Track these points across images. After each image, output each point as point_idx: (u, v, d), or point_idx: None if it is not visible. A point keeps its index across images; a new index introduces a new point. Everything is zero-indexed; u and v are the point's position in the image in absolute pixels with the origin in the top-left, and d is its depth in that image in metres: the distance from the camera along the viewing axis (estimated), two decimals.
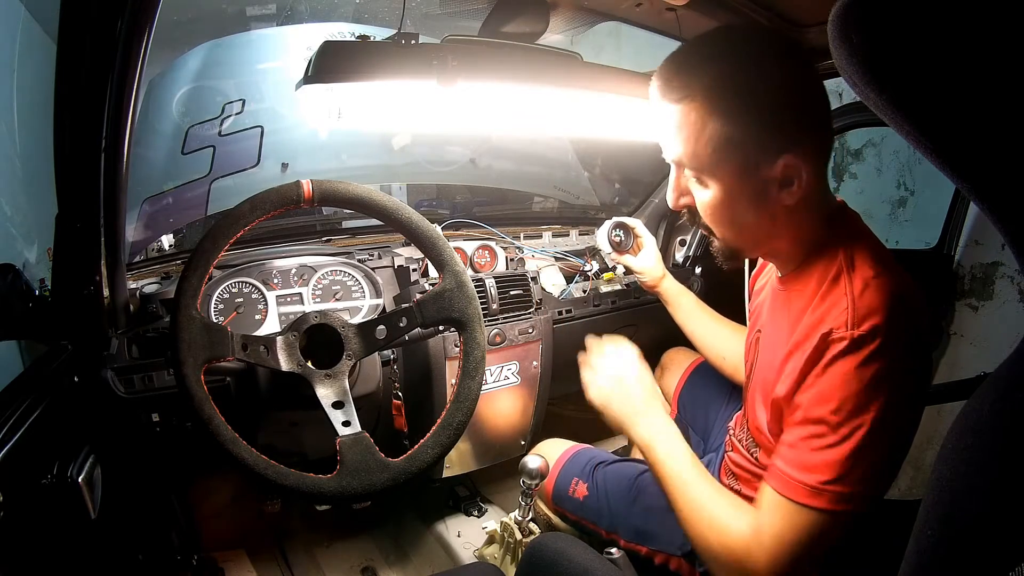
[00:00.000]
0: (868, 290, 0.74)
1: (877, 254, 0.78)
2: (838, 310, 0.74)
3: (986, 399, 0.45)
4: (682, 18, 1.12)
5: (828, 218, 0.82)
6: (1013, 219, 0.42)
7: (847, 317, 0.73)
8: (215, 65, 1.62)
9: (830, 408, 0.72)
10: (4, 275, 0.92)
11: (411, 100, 1.05)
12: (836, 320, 0.74)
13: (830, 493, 0.72)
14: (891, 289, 0.73)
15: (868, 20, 0.39)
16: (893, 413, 0.72)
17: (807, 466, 0.74)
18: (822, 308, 0.77)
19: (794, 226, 0.81)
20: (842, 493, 0.72)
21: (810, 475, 0.73)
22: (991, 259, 1.80)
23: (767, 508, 0.78)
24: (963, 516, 0.43)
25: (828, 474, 0.72)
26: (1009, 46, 0.36)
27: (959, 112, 0.39)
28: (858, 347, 0.71)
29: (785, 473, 0.76)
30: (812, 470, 0.73)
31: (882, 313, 0.71)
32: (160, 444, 1.15)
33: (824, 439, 0.73)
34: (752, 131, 0.74)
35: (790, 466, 0.76)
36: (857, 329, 0.71)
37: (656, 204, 1.88)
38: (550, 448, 1.33)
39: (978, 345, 1.86)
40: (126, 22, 0.71)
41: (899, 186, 2.07)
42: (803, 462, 0.74)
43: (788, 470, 0.76)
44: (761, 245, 0.86)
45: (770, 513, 0.77)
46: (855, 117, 1.57)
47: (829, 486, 0.72)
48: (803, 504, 0.74)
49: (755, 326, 1.00)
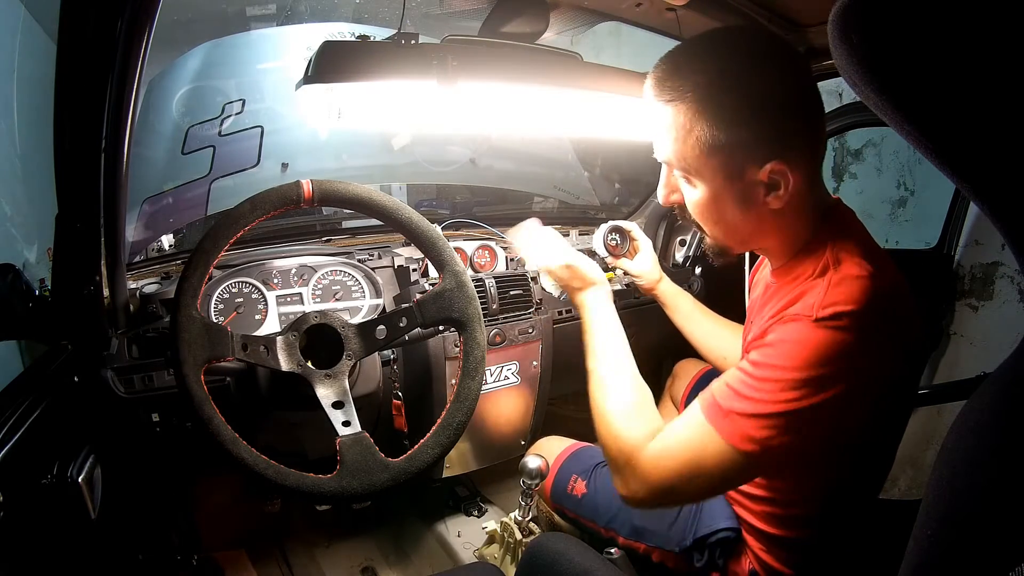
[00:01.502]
0: (844, 282, 0.74)
1: (865, 252, 0.78)
2: (809, 298, 0.75)
3: (986, 399, 0.45)
4: (682, 18, 1.12)
5: (819, 217, 0.83)
6: (1013, 219, 0.42)
7: (814, 301, 0.74)
8: (215, 65, 1.62)
9: (771, 356, 0.73)
10: (4, 275, 0.92)
11: (411, 100, 1.05)
12: (804, 306, 0.75)
13: (738, 427, 0.73)
14: (869, 285, 0.73)
15: (868, 20, 0.39)
16: (834, 391, 0.71)
17: (728, 393, 0.75)
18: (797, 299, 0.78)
19: (783, 227, 0.82)
20: (749, 434, 0.72)
21: (729, 401, 0.75)
22: (991, 259, 1.80)
23: (681, 420, 0.80)
24: (963, 516, 0.43)
25: (745, 407, 0.73)
26: (1009, 46, 0.36)
27: (959, 112, 0.39)
28: (815, 320, 0.72)
29: (710, 394, 0.78)
30: (732, 397, 0.75)
31: (850, 303, 0.71)
32: (160, 444, 1.15)
33: (756, 377, 0.74)
34: (739, 136, 0.74)
35: (716, 389, 0.78)
36: (820, 311, 0.72)
37: (656, 204, 1.88)
38: (549, 446, 1.34)
39: (978, 345, 1.86)
40: (126, 22, 0.71)
41: (899, 186, 2.07)
42: (727, 389, 0.76)
43: (713, 392, 0.78)
44: (749, 243, 0.87)
45: (681, 425, 0.79)
46: (855, 117, 1.57)
47: (741, 418, 0.73)
48: (712, 426, 0.75)
49: (751, 320, 1.01)
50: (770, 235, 0.84)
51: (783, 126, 0.74)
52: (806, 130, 0.76)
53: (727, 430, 0.74)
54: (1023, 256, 0.44)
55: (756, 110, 0.73)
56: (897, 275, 0.79)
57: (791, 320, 0.75)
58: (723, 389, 0.77)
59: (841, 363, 0.71)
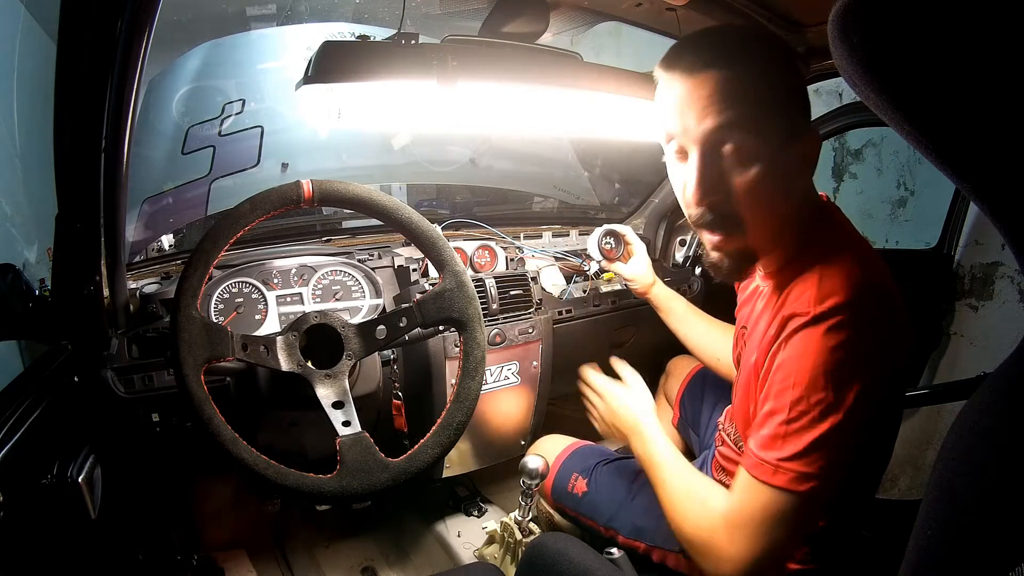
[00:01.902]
0: (833, 274, 0.75)
1: (854, 247, 0.80)
2: (803, 294, 0.77)
3: (986, 399, 0.45)
4: (682, 18, 1.12)
5: (816, 211, 0.85)
6: (1013, 219, 0.42)
7: (809, 296, 0.75)
8: (215, 65, 1.62)
9: (789, 384, 0.74)
10: (4, 275, 0.92)
11: (411, 100, 1.05)
12: (799, 303, 0.76)
13: (790, 472, 0.73)
14: (859, 276, 0.75)
15: (868, 20, 0.39)
16: (855, 391, 0.72)
17: (768, 444, 0.75)
18: (791, 295, 0.80)
19: (799, 219, 0.83)
20: (802, 472, 0.73)
21: (770, 452, 0.75)
22: (991, 259, 1.80)
23: (737, 489, 0.79)
24: (963, 516, 0.43)
25: (787, 451, 0.73)
26: (1009, 46, 0.36)
27: (959, 112, 0.39)
28: (816, 322, 0.73)
29: (752, 453, 0.78)
30: (772, 447, 0.75)
31: (844, 293, 0.73)
32: (160, 444, 1.15)
33: (783, 415, 0.74)
34: (791, 101, 0.78)
35: (756, 445, 0.77)
36: (818, 307, 0.73)
37: (656, 204, 1.88)
38: (550, 444, 1.34)
39: (978, 345, 1.86)
40: (126, 22, 0.71)
41: (899, 186, 2.07)
42: (765, 440, 0.76)
43: (754, 449, 0.78)
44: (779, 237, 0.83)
45: (738, 494, 0.79)
46: (855, 117, 1.57)
47: (788, 463, 0.73)
48: (766, 483, 0.75)
49: (741, 323, 1.02)
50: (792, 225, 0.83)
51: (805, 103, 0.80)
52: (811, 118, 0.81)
53: (783, 480, 0.74)
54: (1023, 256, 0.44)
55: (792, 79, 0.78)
56: (884, 266, 0.80)
57: (790, 333, 0.76)
58: (761, 443, 0.77)
59: (851, 359, 0.71)
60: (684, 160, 0.81)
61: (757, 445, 0.77)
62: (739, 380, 0.97)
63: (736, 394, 0.99)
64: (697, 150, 0.77)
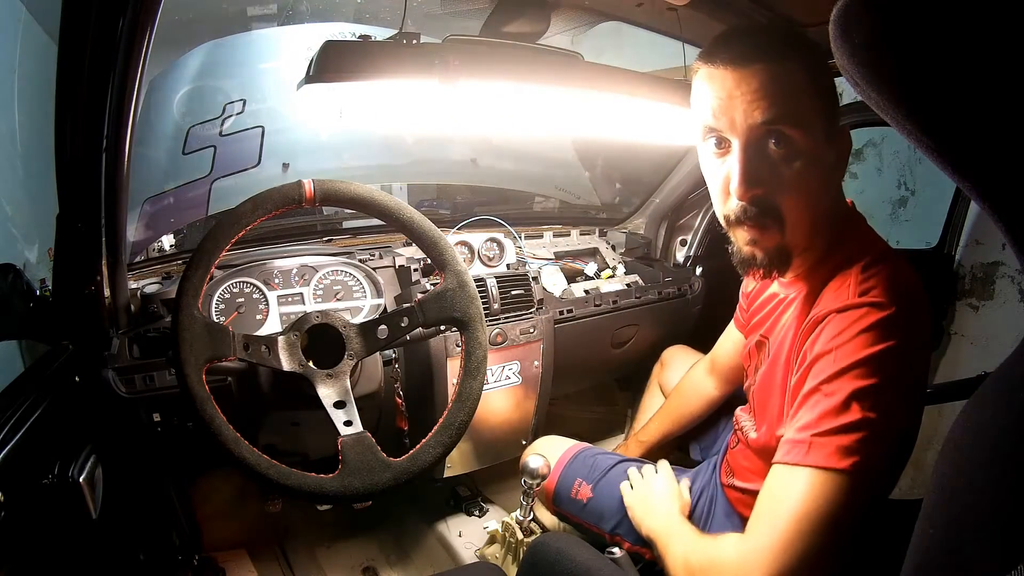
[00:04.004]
0: (871, 273, 0.75)
1: (881, 249, 0.80)
2: (841, 290, 0.76)
3: (986, 399, 0.45)
4: (683, 18, 1.12)
5: (844, 214, 0.85)
6: (1014, 218, 0.42)
7: (849, 291, 0.74)
8: (216, 65, 1.62)
9: (826, 365, 0.72)
10: (5, 275, 0.92)
11: (412, 100, 1.05)
12: (838, 297, 0.75)
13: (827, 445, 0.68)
14: (893, 272, 0.75)
15: (869, 20, 0.39)
16: (896, 378, 0.70)
17: (802, 425, 0.71)
18: (827, 294, 0.79)
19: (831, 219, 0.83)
20: (841, 445, 0.67)
21: (804, 432, 0.70)
22: (992, 259, 1.81)
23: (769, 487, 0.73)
24: (964, 516, 0.43)
25: (825, 424, 0.69)
26: (1010, 45, 0.36)
27: (961, 111, 0.39)
28: (856, 307, 0.72)
29: (784, 441, 0.74)
30: (806, 427, 0.71)
31: (884, 288, 0.73)
32: (161, 444, 1.15)
33: (818, 394, 0.71)
34: (829, 100, 0.78)
35: (789, 431, 0.74)
36: (859, 298, 0.73)
37: (657, 204, 1.88)
38: (550, 446, 1.31)
39: (978, 345, 1.86)
40: (127, 22, 0.71)
41: (900, 186, 2.07)
42: (799, 423, 0.72)
43: (786, 436, 0.74)
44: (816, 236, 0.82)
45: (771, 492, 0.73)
46: (855, 117, 1.57)
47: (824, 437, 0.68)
48: (802, 465, 0.69)
49: (756, 332, 0.99)
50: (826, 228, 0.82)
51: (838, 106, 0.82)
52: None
53: (821, 455, 0.68)
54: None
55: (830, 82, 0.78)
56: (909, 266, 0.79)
57: (826, 321, 0.74)
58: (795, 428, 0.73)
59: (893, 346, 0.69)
60: (724, 154, 0.79)
61: (792, 431, 0.73)
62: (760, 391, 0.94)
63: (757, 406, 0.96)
64: (741, 142, 0.76)
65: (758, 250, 0.82)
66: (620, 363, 1.76)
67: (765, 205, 0.78)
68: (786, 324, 0.88)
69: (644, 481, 1.11)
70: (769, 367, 0.91)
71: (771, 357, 0.91)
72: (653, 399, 1.57)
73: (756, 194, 0.77)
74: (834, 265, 0.80)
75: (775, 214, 0.78)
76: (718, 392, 1.31)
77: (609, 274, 1.75)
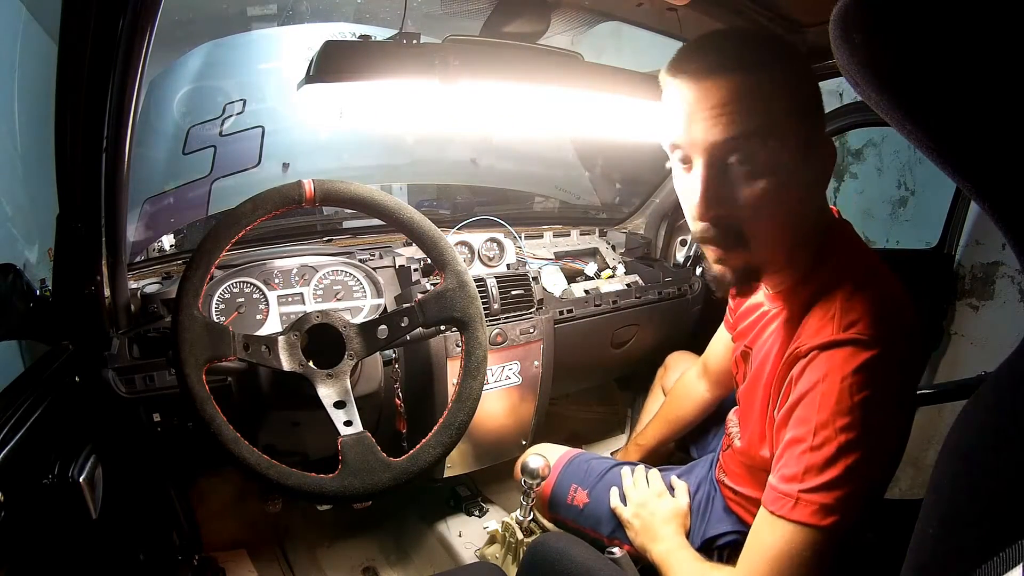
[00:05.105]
0: (854, 301, 0.73)
1: (868, 266, 0.78)
2: (823, 323, 0.74)
3: (986, 399, 0.45)
4: (683, 18, 1.12)
5: (829, 227, 0.82)
6: (1014, 218, 0.42)
7: (831, 325, 0.72)
8: (216, 65, 1.62)
9: (813, 410, 0.71)
10: (5, 275, 0.92)
11: (412, 100, 1.05)
12: (820, 332, 0.73)
13: (811, 503, 0.70)
14: (878, 299, 0.73)
15: (870, 20, 0.39)
16: (882, 418, 0.70)
17: (789, 476, 0.72)
18: (809, 325, 0.76)
19: (812, 235, 0.79)
20: (824, 504, 0.69)
21: (791, 484, 0.72)
22: (991, 259, 1.81)
23: (754, 532, 0.77)
24: (964, 516, 0.43)
25: (809, 481, 0.70)
26: (1011, 45, 0.36)
27: (961, 111, 0.39)
28: (839, 345, 0.70)
29: (772, 488, 0.75)
30: (793, 479, 0.72)
31: (867, 321, 0.71)
32: (161, 444, 1.15)
33: (806, 443, 0.71)
34: (804, 109, 0.73)
35: (777, 479, 0.74)
36: (841, 334, 0.71)
37: (657, 204, 1.88)
38: (545, 453, 1.29)
39: (978, 345, 1.86)
40: (127, 21, 0.71)
41: (900, 186, 2.07)
42: (786, 474, 0.73)
43: (775, 483, 0.75)
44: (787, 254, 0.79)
45: (755, 536, 0.76)
46: (855, 117, 1.57)
47: (809, 495, 0.70)
48: (786, 519, 0.71)
49: (742, 341, 0.99)
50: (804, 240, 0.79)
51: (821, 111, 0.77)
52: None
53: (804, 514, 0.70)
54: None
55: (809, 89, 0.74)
56: (897, 281, 0.78)
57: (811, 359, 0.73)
58: (782, 476, 0.73)
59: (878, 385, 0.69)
60: (689, 170, 0.76)
61: (778, 479, 0.74)
62: (745, 401, 0.94)
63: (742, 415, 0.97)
64: (703, 161, 0.72)
65: (727, 270, 0.80)
66: (620, 363, 1.76)
67: (727, 226, 0.75)
68: (769, 340, 0.87)
69: (644, 502, 1.09)
70: (751, 383, 0.91)
71: (753, 371, 0.91)
72: (655, 402, 1.57)
73: (718, 215, 0.74)
74: (819, 285, 0.78)
75: (737, 235, 0.75)
76: (710, 395, 1.31)
77: (609, 274, 1.75)
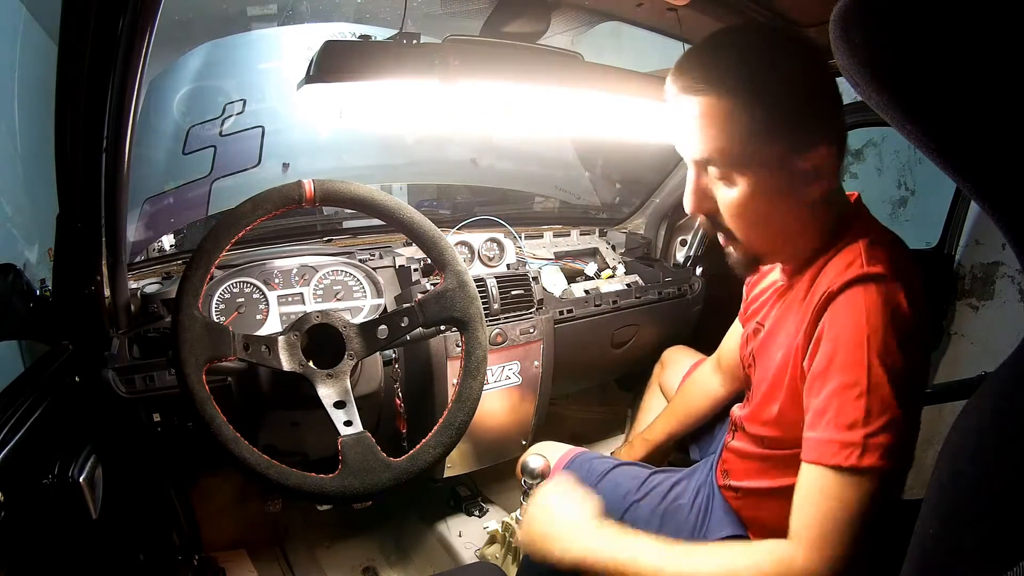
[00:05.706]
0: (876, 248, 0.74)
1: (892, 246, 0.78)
2: (846, 263, 0.75)
3: (987, 399, 0.46)
4: (683, 18, 1.12)
5: (845, 214, 0.82)
6: (1014, 218, 0.42)
7: (854, 263, 0.73)
8: (216, 65, 1.62)
9: (858, 353, 0.69)
10: (5, 275, 0.92)
11: (412, 100, 1.05)
12: (841, 271, 0.74)
13: (879, 446, 0.68)
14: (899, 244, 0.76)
15: (870, 20, 0.39)
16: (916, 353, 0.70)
17: (848, 423, 0.69)
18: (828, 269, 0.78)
19: (818, 222, 0.80)
20: (889, 445, 0.67)
21: (852, 431, 0.69)
22: (992, 259, 1.81)
23: (814, 490, 0.72)
24: (964, 515, 0.43)
25: (874, 423, 0.68)
26: (1011, 45, 0.36)
27: (961, 111, 0.39)
28: (872, 280, 0.71)
29: (826, 441, 0.72)
30: (854, 426, 0.69)
31: (890, 261, 0.72)
32: (161, 444, 1.15)
33: (858, 387, 0.69)
34: (786, 121, 0.72)
35: (828, 430, 0.72)
36: (865, 268, 0.72)
37: (657, 204, 1.88)
38: (547, 451, 1.28)
39: (978, 345, 1.86)
40: (127, 21, 0.71)
41: (900, 186, 2.07)
42: (841, 420, 0.70)
43: (827, 435, 0.71)
44: (785, 245, 0.83)
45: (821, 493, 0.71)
46: (855, 117, 1.57)
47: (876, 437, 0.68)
48: (857, 467, 0.68)
49: (753, 318, 0.98)
50: (805, 233, 0.81)
51: (822, 111, 0.75)
52: (839, 116, 0.77)
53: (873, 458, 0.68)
54: None
55: (798, 92, 0.72)
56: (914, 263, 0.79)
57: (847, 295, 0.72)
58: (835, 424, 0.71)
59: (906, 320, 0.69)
60: None
61: (834, 429, 0.70)
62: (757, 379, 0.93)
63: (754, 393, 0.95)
64: (688, 165, 0.81)
65: (734, 253, 0.85)
66: (620, 363, 1.76)
67: (716, 223, 0.82)
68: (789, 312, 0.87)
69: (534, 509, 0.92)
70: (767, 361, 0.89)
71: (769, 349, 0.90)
72: (654, 400, 1.57)
73: (704, 213, 0.82)
74: (836, 250, 0.79)
75: (728, 230, 0.82)
76: (724, 390, 1.30)
77: (609, 274, 1.75)
